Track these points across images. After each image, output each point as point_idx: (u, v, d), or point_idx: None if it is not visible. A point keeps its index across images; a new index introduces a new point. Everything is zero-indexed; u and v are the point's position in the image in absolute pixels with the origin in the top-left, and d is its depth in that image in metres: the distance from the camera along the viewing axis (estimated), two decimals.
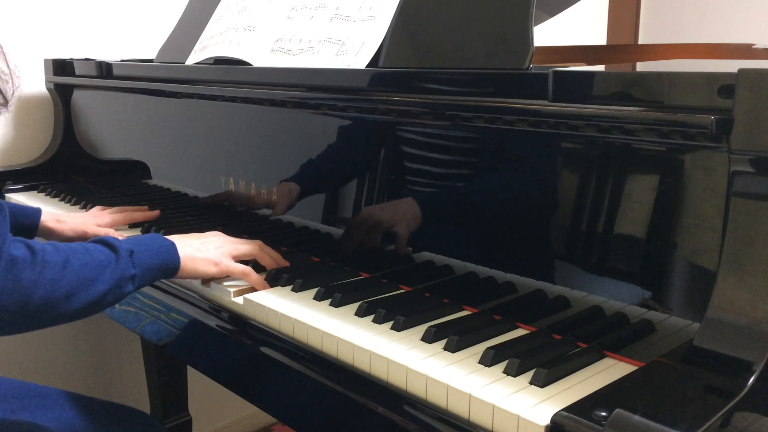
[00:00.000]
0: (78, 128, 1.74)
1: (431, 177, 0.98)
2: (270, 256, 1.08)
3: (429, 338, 0.82)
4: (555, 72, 0.81)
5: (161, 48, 1.62)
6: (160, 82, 1.43)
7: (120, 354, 1.91)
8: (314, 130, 1.14)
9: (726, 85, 0.68)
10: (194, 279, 1.04)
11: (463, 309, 0.92)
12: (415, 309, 0.90)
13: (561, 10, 1.69)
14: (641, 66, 1.25)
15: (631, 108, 0.75)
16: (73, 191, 1.60)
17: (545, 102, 0.82)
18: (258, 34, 1.31)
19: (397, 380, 0.77)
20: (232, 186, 1.28)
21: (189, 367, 1.81)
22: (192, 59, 1.45)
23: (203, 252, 1.02)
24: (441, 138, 0.97)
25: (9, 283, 0.81)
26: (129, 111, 1.58)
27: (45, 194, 1.63)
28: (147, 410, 1.81)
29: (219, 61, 1.36)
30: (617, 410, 0.60)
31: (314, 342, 0.87)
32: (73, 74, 1.70)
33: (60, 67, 1.71)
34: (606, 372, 0.74)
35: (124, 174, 1.61)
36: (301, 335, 0.89)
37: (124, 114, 1.59)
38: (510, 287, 0.91)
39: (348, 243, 1.09)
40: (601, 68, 1.01)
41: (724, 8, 2.78)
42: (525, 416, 0.66)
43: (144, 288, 1.03)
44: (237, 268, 1.02)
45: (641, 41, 3.01)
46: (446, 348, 0.80)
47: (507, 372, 0.74)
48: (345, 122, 1.09)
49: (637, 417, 0.59)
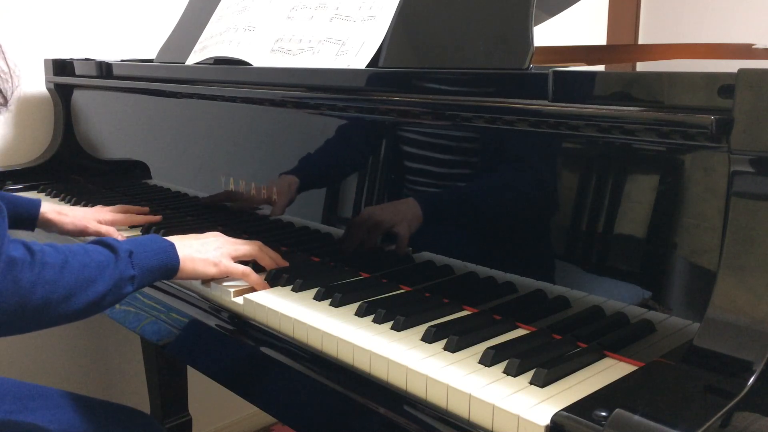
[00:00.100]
0: (78, 128, 1.74)
1: (431, 177, 0.98)
2: (269, 257, 1.08)
3: (429, 338, 0.82)
4: (555, 72, 0.81)
5: (161, 48, 1.62)
6: (160, 82, 1.43)
7: (120, 354, 1.91)
8: (314, 130, 1.14)
9: (726, 85, 0.68)
10: (194, 280, 1.04)
11: (463, 309, 0.92)
12: (415, 309, 0.90)
13: (561, 10, 1.69)
14: (641, 66, 1.25)
15: (631, 108, 0.75)
16: (73, 191, 1.60)
17: (545, 102, 0.82)
18: (258, 34, 1.31)
19: (397, 380, 0.77)
20: (232, 186, 1.28)
21: (189, 367, 1.80)
22: (192, 59, 1.45)
23: (203, 253, 1.02)
24: (441, 138, 0.97)
25: (8, 284, 0.81)
26: (129, 111, 1.58)
27: (45, 194, 1.63)
28: (147, 410, 1.81)
29: (219, 61, 1.36)
30: (617, 410, 0.60)
31: (314, 342, 0.87)
32: (73, 74, 1.70)
33: (60, 67, 1.71)
34: (606, 372, 0.74)
35: (124, 174, 1.61)
36: (301, 335, 0.89)
37: (124, 114, 1.59)
38: (510, 287, 0.91)
39: (348, 243, 1.09)
40: (601, 68, 1.01)
41: (724, 8, 2.78)
42: (525, 416, 0.66)
43: (144, 288, 1.03)
44: (237, 269, 1.02)
45: (641, 41, 3.01)
46: (446, 348, 0.80)
47: (507, 372, 0.74)
48: (345, 122, 1.09)
49: (637, 417, 0.59)
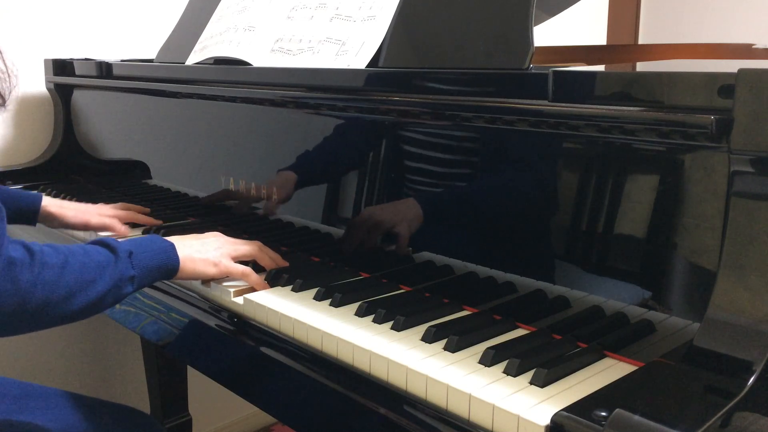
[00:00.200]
0: (78, 128, 1.74)
1: (431, 177, 0.98)
2: (269, 257, 1.08)
3: (429, 338, 0.82)
4: (555, 72, 0.81)
5: (161, 48, 1.62)
6: (160, 82, 1.43)
7: (120, 354, 1.91)
8: (314, 130, 1.14)
9: (726, 85, 0.68)
10: (194, 280, 1.04)
11: (463, 309, 0.92)
12: (415, 309, 0.89)
13: (561, 10, 1.69)
14: (641, 66, 1.25)
15: (631, 108, 0.75)
16: (73, 191, 1.60)
17: (545, 102, 0.82)
18: (258, 34, 1.31)
19: (397, 380, 0.77)
20: (232, 186, 1.28)
21: (189, 367, 1.80)
22: (192, 59, 1.45)
23: (203, 253, 1.02)
24: (440, 138, 0.97)
25: (7, 285, 0.81)
26: (129, 111, 1.58)
27: (45, 194, 1.63)
28: (147, 410, 1.81)
29: (219, 61, 1.36)
30: (617, 410, 0.60)
31: (314, 342, 0.87)
32: (73, 74, 1.70)
33: (60, 67, 1.71)
34: (606, 372, 0.74)
35: (124, 174, 1.61)
36: (301, 335, 0.89)
37: (124, 114, 1.59)
38: (510, 287, 0.91)
39: (348, 243, 1.09)
40: (601, 68, 1.01)
41: (724, 8, 2.78)
42: (525, 416, 0.66)
43: (144, 288, 1.03)
44: (237, 269, 1.02)
45: (641, 41, 3.01)
46: (446, 348, 0.80)
47: (507, 372, 0.74)
48: (345, 122, 1.09)
49: (637, 417, 0.59)
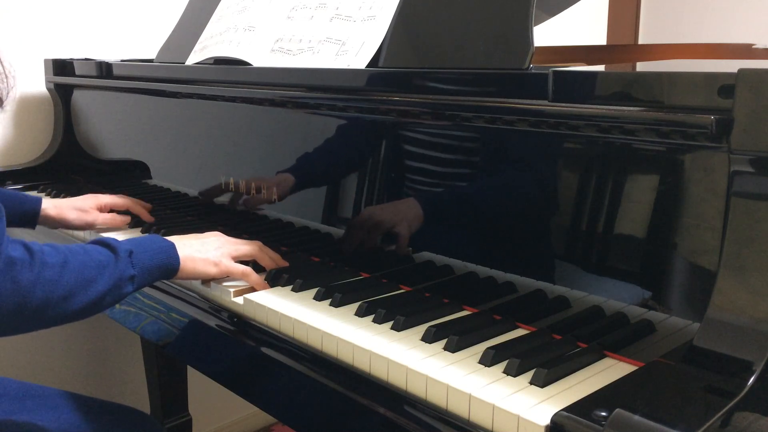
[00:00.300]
0: (78, 128, 1.74)
1: (431, 177, 0.98)
2: (269, 257, 1.08)
3: (429, 338, 0.82)
4: (555, 72, 0.81)
5: (161, 48, 1.62)
6: (160, 82, 1.43)
7: (120, 354, 1.91)
8: (314, 130, 1.14)
9: (726, 85, 0.68)
10: (194, 279, 1.04)
11: (463, 309, 0.92)
12: (415, 309, 0.89)
13: (561, 10, 1.69)
14: (641, 66, 1.25)
15: (631, 108, 0.75)
16: (73, 191, 1.59)
17: (545, 102, 0.82)
18: (258, 34, 1.31)
19: (397, 380, 0.77)
20: (232, 186, 1.28)
21: (189, 367, 1.80)
22: (192, 59, 1.45)
23: (203, 252, 1.02)
24: (441, 138, 0.97)
25: (7, 284, 0.81)
26: (129, 111, 1.58)
27: (45, 194, 1.63)
28: (147, 410, 1.81)
29: (219, 61, 1.36)
30: (617, 410, 0.60)
31: (314, 342, 0.87)
32: (73, 74, 1.70)
33: (60, 67, 1.71)
34: (606, 372, 0.74)
35: (124, 174, 1.61)
36: (301, 335, 0.89)
37: (124, 114, 1.59)
38: (510, 287, 0.91)
39: (348, 243, 1.09)
40: (601, 68, 1.01)
41: (724, 8, 2.78)
42: (525, 416, 0.66)
43: (144, 288, 1.03)
44: (237, 269, 1.02)
45: (641, 41, 3.01)
46: (446, 348, 0.80)
47: (507, 372, 0.74)
48: (345, 122, 1.09)
49: (637, 417, 0.59)
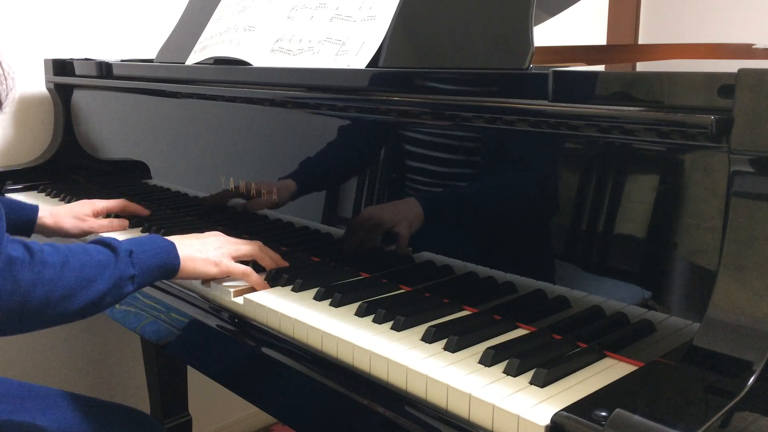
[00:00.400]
0: (78, 128, 1.74)
1: (431, 177, 0.98)
2: (270, 257, 1.07)
3: (429, 338, 0.82)
4: (555, 72, 0.81)
5: (161, 48, 1.62)
6: (160, 82, 1.43)
7: (120, 354, 1.91)
8: (314, 130, 1.14)
9: (726, 85, 0.68)
10: (194, 279, 1.04)
11: (463, 309, 0.92)
12: (415, 309, 0.89)
13: (561, 10, 1.69)
14: (641, 66, 1.25)
15: (631, 108, 0.75)
16: (73, 191, 1.60)
17: (545, 102, 0.82)
18: (258, 34, 1.31)
19: (397, 380, 0.77)
20: (232, 186, 1.28)
21: (189, 367, 1.80)
22: (192, 59, 1.45)
23: (203, 252, 1.02)
24: (441, 138, 0.97)
25: (7, 284, 0.81)
26: (129, 111, 1.58)
27: (45, 194, 1.63)
28: (147, 410, 1.81)
29: (219, 61, 1.36)
30: (617, 410, 0.60)
31: (314, 342, 0.87)
32: (73, 74, 1.70)
33: (60, 67, 1.71)
34: (606, 372, 0.74)
35: (124, 174, 1.61)
36: (301, 335, 0.89)
37: (124, 114, 1.59)
38: (510, 287, 0.91)
39: (348, 243, 1.09)
40: (601, 68, 1.01)
41: (724, 8, 2.78)
42: (525, 416, 0.66)
43: (144, 288, 1.03)
44: (237, 269, 1.02)
45: (641, 41, 3.01)
46: (446, 348, 0.80)
47: (507, 372, 0.74)
48: (345, 122, 1.09)
49: (637, 417, 0.59)
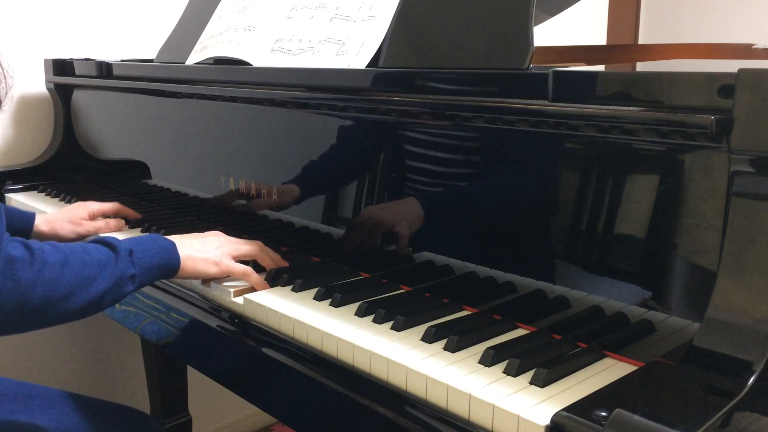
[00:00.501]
0: (78, 128, 1.74)
1: (431, 176, 0.98)
2: (270, 257, 1.07)
3: (429, 338, 0.82)
4: (555, 72, 0.81)
5: (161, 48, 1.62)
6: (160, 82, 1.43)
7: (120, 354, 1.91)
8: (314, 130, 1.14)
9: (726, 85, 0.68)
10: (194, 279, 1.04)
11: (463, 309, 0.92)
12: (415, 309, 0.89)
13: (561, 10, 1.69)
14: (641, 66, 1.25)
15: (631, 108, 0.75)
16: (73, 191, 1.60)
17: (545, 102, 0.82)
18: (258, 34, 1.31)
19: (397, 380, 0.77)
20: (232, 186, 1.28)
21: (189, 367, 1.80)
22: (192, 59, 1.45)
23: (203, 252, 1.02)
24: (441, 138, 0.97)
25: (7, 283, 0.81)
26: (129, 111, 1.58)
27: (45, 194, 1.63)
28: (147, 410, 1.81)
29: (219, 61, 1.36)
30: (617, 410, 0.60)
31: (314, 342, 0.87)
32: (73, 74, 1.70)
33: (60, 67, 1.71)
34: (606, 372, 0.74)
35: (124, 174, 1.61)
36: (301, 335, 0.89)
37: (124, 114, 1.59)
38: (510, 287, 0.91)
39: (348, 243, 1.09)
40: (601, 68, 1.01)
41: (724, 8, 2.78)
42: (525, 416, 0.66)
43: (144, 288, 1.02)
44: (237, 269, 1.02)
45: (641, 41, 3.01)
46: (446, 348, 0.80)
47: (507, 372, 0.74)
48: (345, 122, 1.09)
49: (637, 417, 0.59)
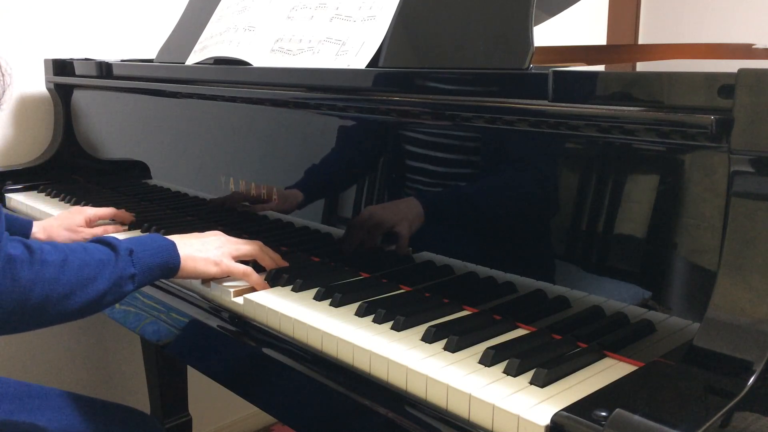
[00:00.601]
0: (78, 128, 1.74)
1: (431, 177, 0.98)
2: (270, 257, 1.07)
3: (429, 338, 0.82)
4: (555, 72, 0.81)
5: (161, 48, 1.62)
6: (160, 82, 1.43)
7: (120, 354, 1.91)
8: (314, 130, 1.14)
9: (726, 85, 0.68)
10: (194, 279, 1.04)
11: (463, 309, 0.92)
12: (415, 309, 0.89)
13: (561, 10, 1.69)
14: (641, 66, 1.25)
15: (631, 108, 0.75)
16: (73, 191, 1.60)
17: (545, 102, 0.82)
18: (258, 34, 1.31)
19: (397, 380, 0.77)
20: (232, 186, 1.28)
21: (189, 367, 1.80)
22: (192, 59, 1.45)
23: (203, 252, 1.02)
24: (441, 138, 0.97)
25: (7, 282, 0.81)
26: (129, 111, 1.58)
27: (45, 194, 1.63)
28: (147, 410, 1.81)
29: (219, 61, 1.36)
30: (617, 410, 0.60)
31: (314, 342, 0.87)
32: (73, 74, 1.70)
33: (60, 67, 1.71)
34: (606, 372, 0.74)
35: (124, 174, 1.61)
36: (301, 335, 0.89)
37: (124, 114, 1.59)
38: (510, 287, 0.91)
39: (348, 243, 1.09)
40: (601, 68, 1.01)
41: (724, 8, 2.78)
42: (525, 416, 0.66)
43: (144, 288, 1.02)
44: (238, 268, 1.02)
45: (641, 41, 3.01)
46: (446, 348, 0.80)
47: (507, 372, 0.74)
48: (345, 122, 1.09)
49: (637, 417, 0.59)
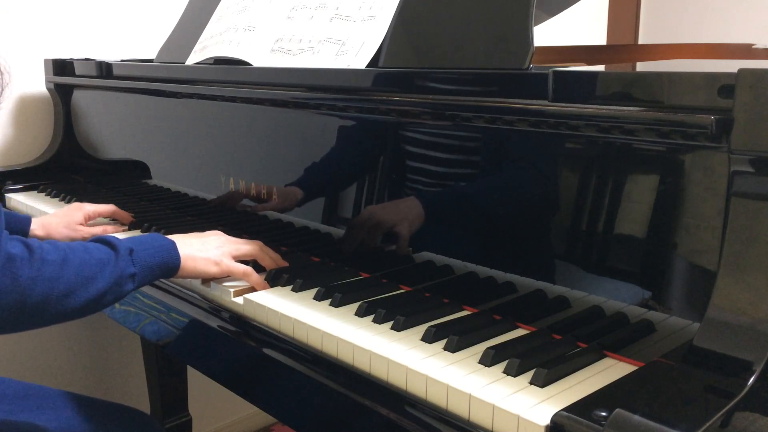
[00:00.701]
0: (78, 128, 1.74)
1: (431, 177, 0.98)
2: (270, 257, 1.08)
3: (429, 338, 0.82)
4: (555, 72, 0.81)
5: (161, 48, 1.62)
6: (160, 82, 1.43)
7: (120, 354, 1.91)
8: (314, 130, 1.14)
9: (726, 85, 0.68)
10: (194, 278, 1.04)
11: (463, 309, 0.92)
12: (415, 309, 0.90)
13: (561, 10, 1.69)
14: (641, 66, 1.25)
15: (631, 108, 0.75)
16: (73, 191, 1.60)
17: (545, 102, 0.82)
18: (258, 34, 1.31)
19: (397, 380, 0.77)
20: (232, 186, 1.28)
21: (189, 367, 1.81)
22: (192, 59, 1.45)
23: (204, 252, 1.02)
24: (441, 138, 0.97)
25: (6, 281, 0.81)
26: (129, 111, 1.58)
27: (45, 194, 1.63)
28: (147, 410, 1.81)
29: (219, 61, 1.36)
30: (617, 410, 0.60)
31: (314, 342, 0.87)
32: (73, 74, 1.70)
33: (60, 67, 1.71)
34: (606, 372, 0.74)
35: (124, 174, 1.61)
36: (301, 335, 0.89)
37: (124, 114, 1.59)
38: (510, 287, 0.91)
39: (348, 243, 1.09)
40: (601, 68, 1.01)
41: (724, 8, 2.79)
42: (525, 416, 0.66)
43: (144, 288, 1.02)
44: (238, 268, 1.02)
45: (641, 41, 3.01)
46: (446, 348, 0.80)
47: (507, 372, 0.74)
48: (345, 122, 1.09)
49: (637, 417, 0.59)
